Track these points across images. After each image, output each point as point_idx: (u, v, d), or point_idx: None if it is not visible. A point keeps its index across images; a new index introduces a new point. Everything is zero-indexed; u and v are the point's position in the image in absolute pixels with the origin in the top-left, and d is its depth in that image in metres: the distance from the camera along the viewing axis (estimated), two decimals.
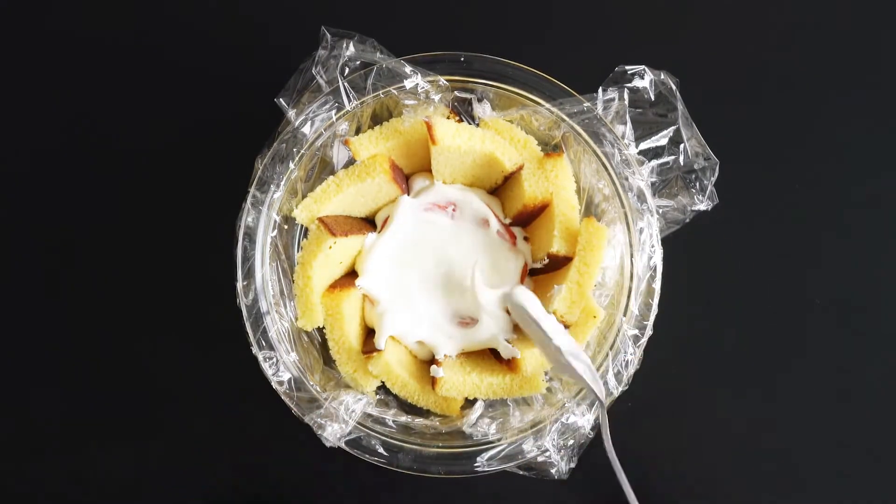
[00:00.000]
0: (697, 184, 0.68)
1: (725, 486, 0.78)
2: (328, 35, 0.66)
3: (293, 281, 0.68)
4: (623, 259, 0.67)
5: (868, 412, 0.78)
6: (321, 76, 0.66)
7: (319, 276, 0.68)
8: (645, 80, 0.68)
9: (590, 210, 0.70)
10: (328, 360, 0.70)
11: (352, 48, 0.66)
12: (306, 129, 0.66)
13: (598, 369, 0.66)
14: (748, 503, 0.78)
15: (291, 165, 0.66)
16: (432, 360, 0.69)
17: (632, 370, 0.66)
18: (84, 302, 0.78)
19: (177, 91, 0.79)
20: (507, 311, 0.68)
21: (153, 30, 0.79)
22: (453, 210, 0.69)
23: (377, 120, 0.69)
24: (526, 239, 0.71)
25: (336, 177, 0.67)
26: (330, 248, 0.67)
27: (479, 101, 0.68)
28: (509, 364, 0.68)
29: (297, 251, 0.69)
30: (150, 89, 0.79)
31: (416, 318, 0.69)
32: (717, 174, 0.68)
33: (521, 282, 0.69)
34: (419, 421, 0.69)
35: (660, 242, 0.66)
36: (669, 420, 0.78)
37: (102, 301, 0.78)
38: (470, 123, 0.69)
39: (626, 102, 0.67)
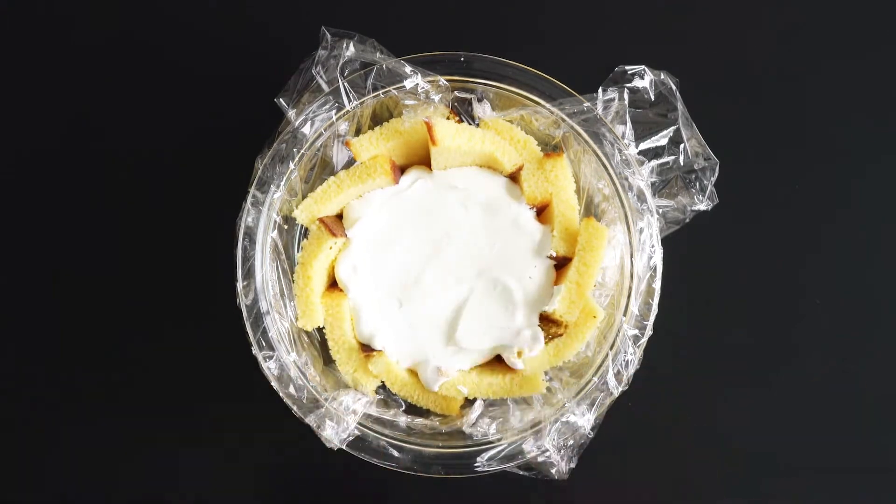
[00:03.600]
0: (697, 184, 0.68)
1: (725, 486, 0.78)
2: (328, 35, 0.66)
3: (293, 281, 0.68)
4: (623, 259, 0.67)
5: (869, 412, 0.78)
6: (321, 76, 0.66)
7: (319, 276, 0.68)
8: (645, 80, 0.68)
9: (590, 210, 0.70)
10: (328, 360, 0.70)
11: (352, 48, 0.66)
12: (306, 129, 0.66)
13: (597, 370, 0.66)
14: (748, 502, 0.78)
15: (291, 165, 0.66)
16: None
17: (632, 370, 0.66)
18: (83, 302, 0.78)
19: (176, 91, 0.79)
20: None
21: (153, 30, 0.79)
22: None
23: (377, 120, 0.69)
24: None
25: (336, 177, 0.67)
26: (330, 248, 0.67)
27: (479, 101, 0.68)
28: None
29: (297, 251, 0.69)
30: (148, 89, 0.79)
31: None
32: (717, 174, 0.68)
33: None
34: (419, 421, 0.69)
35: (660, 242, 0.66)
36: (669, 420, 0.78)
37: (101, 301, 0.78)
38: (470, 123, 0.69)
39: (626, 102, 0.67)
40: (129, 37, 0.79)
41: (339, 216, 0.69)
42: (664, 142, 0.68)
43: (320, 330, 0.69)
